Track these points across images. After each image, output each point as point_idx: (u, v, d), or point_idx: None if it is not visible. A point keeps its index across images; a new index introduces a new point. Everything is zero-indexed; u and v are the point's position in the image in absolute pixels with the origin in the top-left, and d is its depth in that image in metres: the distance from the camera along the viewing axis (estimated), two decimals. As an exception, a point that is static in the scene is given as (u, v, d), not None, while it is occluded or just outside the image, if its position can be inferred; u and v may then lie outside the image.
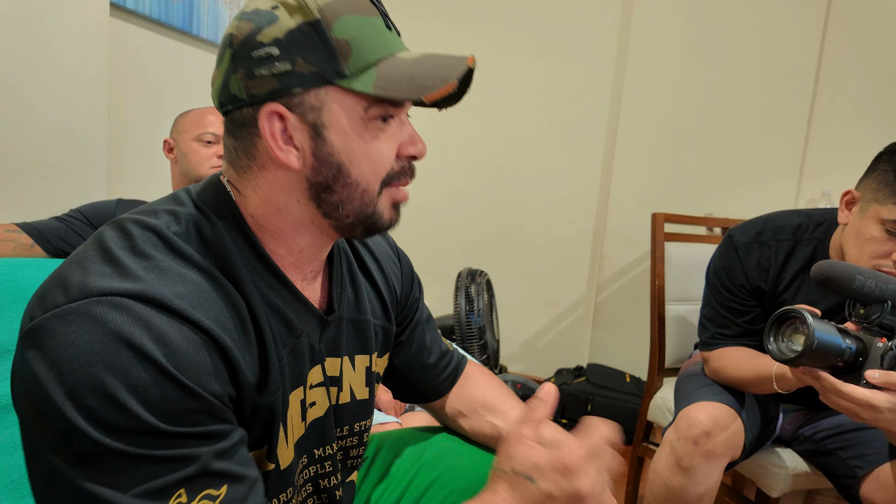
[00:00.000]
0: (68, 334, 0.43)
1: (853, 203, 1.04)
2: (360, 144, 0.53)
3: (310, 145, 0.52)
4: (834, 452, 1.12)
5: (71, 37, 1.36)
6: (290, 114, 0.51)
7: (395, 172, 0.56)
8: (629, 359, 2.40)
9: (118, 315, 0.44)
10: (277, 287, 0.56)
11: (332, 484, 0.68)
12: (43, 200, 1.33)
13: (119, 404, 0.42)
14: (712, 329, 1.20)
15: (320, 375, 0.63)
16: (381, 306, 0.72)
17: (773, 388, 1.02)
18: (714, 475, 1.07)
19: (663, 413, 1.50)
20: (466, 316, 2.07)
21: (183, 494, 0.44)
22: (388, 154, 0.55)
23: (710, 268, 1.24)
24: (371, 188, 0.55)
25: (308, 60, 0.50)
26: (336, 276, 0.65)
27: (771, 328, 0.85)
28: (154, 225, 0.51)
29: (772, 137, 2.19)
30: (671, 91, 2.27)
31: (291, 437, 0.59)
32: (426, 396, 0.83)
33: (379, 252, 0.75)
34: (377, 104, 0.52)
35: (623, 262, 2.41)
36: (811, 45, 2.12)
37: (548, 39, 2.40)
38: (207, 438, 0.46)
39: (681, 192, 2.29)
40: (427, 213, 2.64)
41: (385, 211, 0.57)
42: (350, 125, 0.52)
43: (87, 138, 1.44)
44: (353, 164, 0.53)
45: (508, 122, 2.48)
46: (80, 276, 0.46)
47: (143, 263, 0.48)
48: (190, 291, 0.48)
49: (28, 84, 1.29)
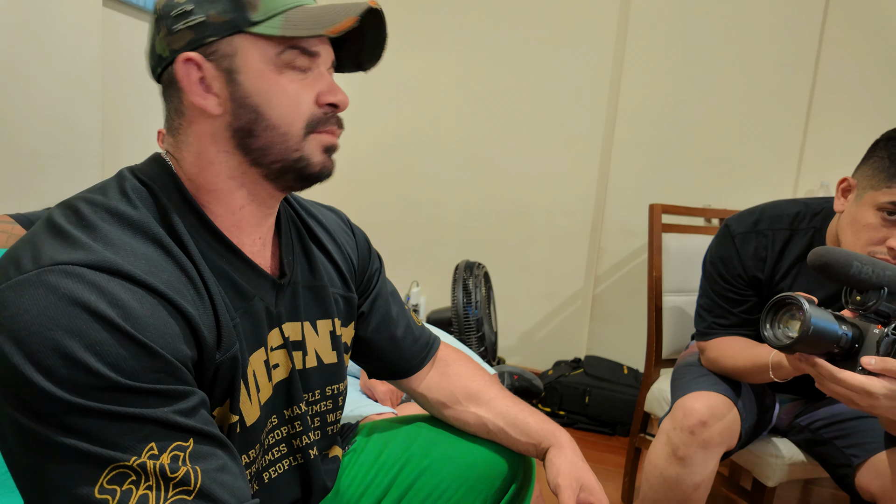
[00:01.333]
0: (22, 303, 0.44)
1: (849, 191, 1.04)
2: (275, 87, 0.56)
3: (227, 90, 0.56)
4: (830, 441, 1.12)
5: (64, 27, 1.35)
6: (205, 61, 0.55)
7: (318, 118, 0.58)
8: (627, 351, 2.40)
9: (71, 282, 0.45)
10: (224, 252, 0.58)
11: (305, 444, 0.69)
12: (37, 192, 1.33)
13: (80, 363, 0.43)
14: (709, 319, 1.19)
15: (280, 338, 0.65)
16: (339, 275, 0.74)
17: (770, 377, 1.01)
18: (710, 465, 1.07)
19: (660, 404, 1.50)
20: (464, 308, 2.07)
21: (154, 447, 0.45)
22: (306, 98, 0.57)
23: (706, 258, 1.23)
24: (293, 131, 0.57)
25: (219, 11, 0.55)
26: (286, 243, 0.67)
27: (767, 314, 0.85)
28: (100, 201, 0.53)
29: (770, 129, 2.18)
30: (669, 82, 2.26)
31: (256, 396, 0.61)
32: (399, 372, 0.83)
33: (331, 224, 0.77)
34: (290, 49, 0.56)
35: (621, 254, 2.40)
36: (810, 36, 2.11)
37: (545, 30, 2.38)
38: (168, 397, 0.47)
39: (679, 183, 2.29)
40: (424, 206, 2.63)
41: (314, 156, 0.59)
42: (264, 68, 0.56)
43: (82, 129, 1.43)
44: (270, 106, 0.56)
45: (506, 115, 2.47)
46: (31, 251, 0.48)
47: (93, 235, 0.49)
48: (140, 260, 0.50)
49: (21, 75, 1.28)
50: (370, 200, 2.67)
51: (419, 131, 2.59)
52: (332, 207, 0.82)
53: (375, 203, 2.68)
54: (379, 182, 2.67)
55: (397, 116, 2.60)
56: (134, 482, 0.44)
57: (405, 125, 2.60)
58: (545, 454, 0.78)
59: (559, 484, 0.73)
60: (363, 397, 1.25)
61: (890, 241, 0.95)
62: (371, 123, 2.59)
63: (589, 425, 2.15)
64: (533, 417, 0.81)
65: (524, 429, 0.79)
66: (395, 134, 2.62)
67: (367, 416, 1.11)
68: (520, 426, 0.79)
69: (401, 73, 2.54)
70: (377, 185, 2.67)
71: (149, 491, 0.44)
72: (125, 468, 0.44)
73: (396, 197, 2.66)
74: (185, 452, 0.47)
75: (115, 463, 0.44)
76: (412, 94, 2.57)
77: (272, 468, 0.67)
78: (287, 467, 0.69)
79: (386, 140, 2.64)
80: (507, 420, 0.80)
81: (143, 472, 0.44)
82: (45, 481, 0.44)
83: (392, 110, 2.60)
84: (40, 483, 0.44)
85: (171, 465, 0.45)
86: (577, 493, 0.72)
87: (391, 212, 2.66)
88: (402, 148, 2.62)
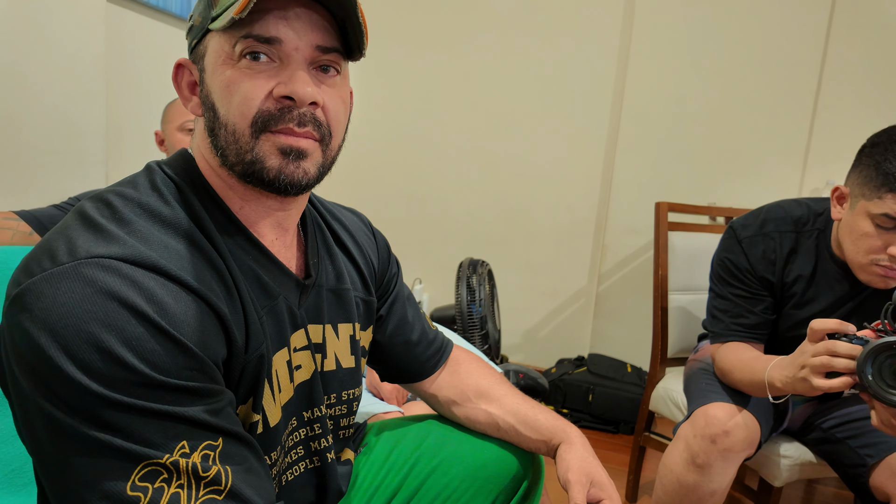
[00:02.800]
0: (58, 295, 0.43)
1: (843, 199, 1.03)
2: (224, 82, 0.53)
3: (199, 91, 0.56)
4: (843, 441, 1.11)
5: (68, 24, 1.34)
6: (191, 65, 0.57)
7: (270, 114, 0.52)
8: (630, 349, 2.39)
9: (108, 275, 0.44)
10: (250, 249, 0.57)
11: (323, 446, 0.69)
12: (41, 188, 1.32)
13: (116, 358, 0.43)
14: (726, 320, 1.17)
15: (304, 339, 0.64)
16: (360, 279, 0.73)
17: (767, 394, 1.00)
18: (729, 473, 1.07)
19: (665, 403, 1.50)
20: (468, 306, 2.06)
21: (185, 446, 0.45)
22: (252, 93, 0.52)
23: (715, 261, 1.22)
24: (240, 129, 0.53)
25: (198, 13, 0.56)
26: (311, 245, 0.66)
27: (868, 356, 0.80)
28: (132, 195, 0.52)
29: (776, 126, 2.18)
30: (675, 79, 2.25)
31: (278, 397, 0.60)
32: (412, 376, 0.83)
33: (353, 227, 0.76)
34: (242, 39, 0.52)
35: (625, 251, 2.40)
36: (817, 32, 2.10)
37: (550, 27, 2.37)
38: (200, 395, 0.47)
39: (683, 181, 2.28)
40: (429, 204, 2.62)
41: (268, 158, 0.53)
42: (219, 64, 0.54)
43: (85, 126, 1.42)
44: (220, 103, 0.54)
45: (510, 111, 2.46)
46: (65, 243, 0.47)
47: (127, 229, 0.49)
48: (173, 255, 0.49)
49: (26, 71, 1.27)
50: (373, 197, 2.67)
51: (422, 128, 2.59)
52: (354, 210, 0.81)
53: (378, 200, 2.67)
54: (382, 179, 2.67)
55: (400, 113, 2.59)
56: (166, 480, 0.44)
57: (408, 122, 2.59)
58: (556, 451, 0.78)
59: (569, 479, 0.72)
60: (369, 396, 1.24)
61: (891, 249, 0.94)
62: (374, 120, 2.59)
63: (592, 423, 2.15)
64: (543, 414, 0.80)
65: (534, 426, 0.79)
66: (398, 131, 2.61)
67: (374, 415, 1.11)
68: (530, 423, 0.79)
69: (404, 69, 2.53)
70: (380, 182, 2.67)
71: (180, 490, 0.44)
72: (157, 465, 0.44)
73: (399, 194, 2.65)
74: (215, 452, 0.46)
75: (148, 460, 0.43)
76: (415, 90, 2.56)
77: (290, 470, 0.66)
78: (303, 470, 0.68)
79: (389, 137, 2.63)
80: (517, 417, 0.80)
81: (175, 470, 0.44)
82: (75, 475, 0.43)
83: (395, 107, 2.59)
84: (69, 477, 0.44)
85: (203, 465, 0.45)
86: (586, 489, 0.72)
87: (394, 209, 2.66)
88: (406, 145, 2.61)
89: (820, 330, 0.87)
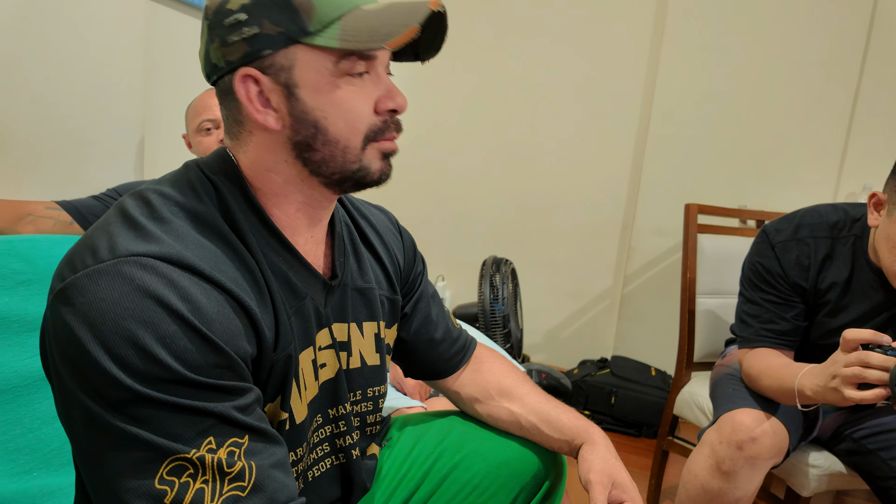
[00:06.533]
0: (98, 291, 0.46)
1: (881, 205, 1.00)
2: (333, 101, 0.54)
3: (285, 105, 0.54)
4: (874, 452, 1.08)
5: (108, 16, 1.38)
6: (262, 76, 0.53)
7: (378, 128, 0.57)
8: (655, 352, 2.36)
9: (145, 274, 0.46)
10: (281, 251, 0.59)
11: (348, 443, 0.70)
12: (80, 179, 1.36)
13: (150, 354, 0.45)
14: (756, 325, 1.14)
15: (328, 338, 0.65)
16: (386, 277, 0.74)
17: (795, 402, 0.98)
18: (756, 480, 1.05)
19: (691, 408, 1.48)
20: (491, 304, 2.06)
21: (212, 441, 0.46)
22: (364, 110, 0.56)
23: (746, 265, 1.20)
24: (352, 144, 0.56)
25: (273, 21, 0.52)
26: (338, 245, 0.67)
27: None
28: (170, 193, 0.54)
29: (811, 127, 2.12)
30: (706, 77, 2.21)
31: (304, 395, 0.61)
32: (435, 373, 0.83)
33: (380, 226, 0.76)
34: (346, 58, 0.53)
35: (652, 253, 2.37)
36: (857, 30, 2.03)
37: (580, 25, 2.35)
38: (229, 393, 0.48)
39: (713, 182, 2.24)
40: (453, 201, 2.63)
41: (373, 164, 0.58)
42: (321, 82, 0.54)
43: (123, 117, 1.46)
44: (328, 122, 0.54)
45: (538, 110, 2.45)
46: (106, 240, 0.49)
47: (164, 228, 0.51)
48: (208, 255, 0.50)
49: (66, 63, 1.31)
50: (398, 194, 2.67)
51: (448, 125, 2.59)
52: (381, 207, 0.82)
53: (403, 197, 2.68)
54: (407, 176, 2.68)
55: (426, 111, 2.60)
56: (192, 475, 0.45)
57: (434, 119, 2.60)
58: (578, 451, 0.77)
59: (590, 480, 0.72)
60: (393, 390, 1.26)
61: None
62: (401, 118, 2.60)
63: (614, 426, 2.13)
64: (566, 414, 0.80)
65: (557, 425, 0.79)
66: (424, 128, 2.62)
67: (398, 409, 1.12)
68: (553, 422, 0.79)
69: (430, 67, 2.53)
70: (405, 179, 2.68)
71: (205, 485, 0.45)
72: (184, 460, 0.45)
73: (424, 191, 2.66)
74: (240, 448, 0.48)
75: (176, 454, 0.45)
76: (442, 88, 2.57)
77: (315, 467, 0.67)
78: (329, 466, 0.69)
79: (415, 134, 2.64)
80: (539, 416, 0.79)
81: (201, 465, 0.45)
82: (107, 466, 0.45)
83: (421, 105, 2.60)
84: (102, 467, 0.46)
85: (228, 460, 0.46)
86: (608, 490, 0.71)
87: (419, 206, 2.67)
88: (431, 142, 2.62)
89: (853, 340, 0.85)
